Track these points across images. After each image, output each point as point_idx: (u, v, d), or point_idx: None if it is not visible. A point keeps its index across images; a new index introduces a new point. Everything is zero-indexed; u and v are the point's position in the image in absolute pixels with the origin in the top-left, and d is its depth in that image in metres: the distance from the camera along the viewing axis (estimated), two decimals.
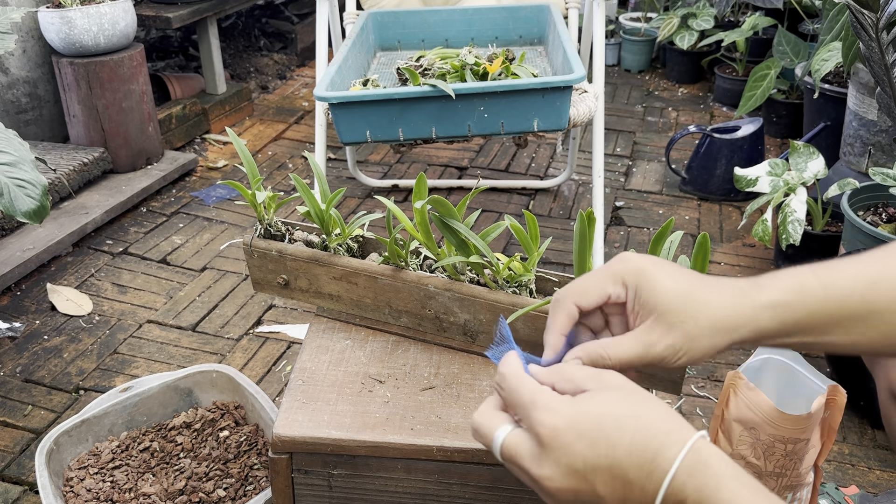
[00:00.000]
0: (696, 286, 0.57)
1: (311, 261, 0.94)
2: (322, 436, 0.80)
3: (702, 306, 0.56)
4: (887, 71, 1.22)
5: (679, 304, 0.56)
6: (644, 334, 0.57)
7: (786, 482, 1.03)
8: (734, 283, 0.58)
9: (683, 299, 0.56)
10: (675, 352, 0.57)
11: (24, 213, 1.15)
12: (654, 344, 0.57)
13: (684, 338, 0.56)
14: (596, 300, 0.59)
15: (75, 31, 2.13)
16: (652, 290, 0.57)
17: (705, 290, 0.57)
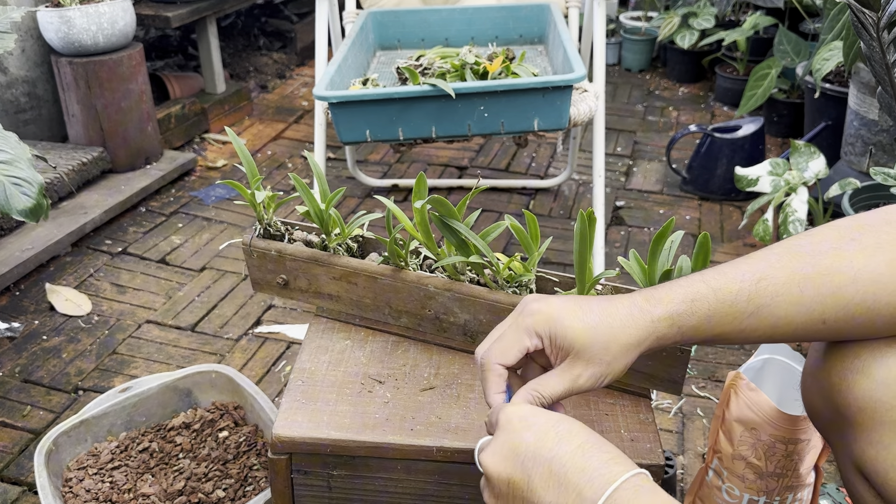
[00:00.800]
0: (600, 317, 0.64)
1: (311, 261, 0.94)
2: (321, 436, 0.79)
3: (609, 335, 0.63)
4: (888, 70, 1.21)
5: (590, 340, 0.63)
6: (567, 371, 0.64)
7: (787, 482, 1.03)
8: (632, 301, 0.65)
9: (593, 333, 0.63)
10: (597, 379, 0.64)
11: (21, 211, 1.15)
12: (578, 377, 0.64)
13: (602, 365, 0.63)
14: (517, 356, 0.66)
15: (74, 30, 2.12)
16: (564, 335, 0.64)
17: (609, 318, 0.64)
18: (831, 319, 0.62)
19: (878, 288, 0.61)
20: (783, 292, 0.62)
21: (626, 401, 0.85)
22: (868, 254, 0.62)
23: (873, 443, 0.63)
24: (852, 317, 0.62)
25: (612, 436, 0.80)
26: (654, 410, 1.25)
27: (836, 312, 0.62)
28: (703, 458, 1.35)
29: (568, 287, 0.89)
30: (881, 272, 0.61)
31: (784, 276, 0.63)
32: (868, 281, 0.61)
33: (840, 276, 0.61)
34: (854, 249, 0.62)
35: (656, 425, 0.82)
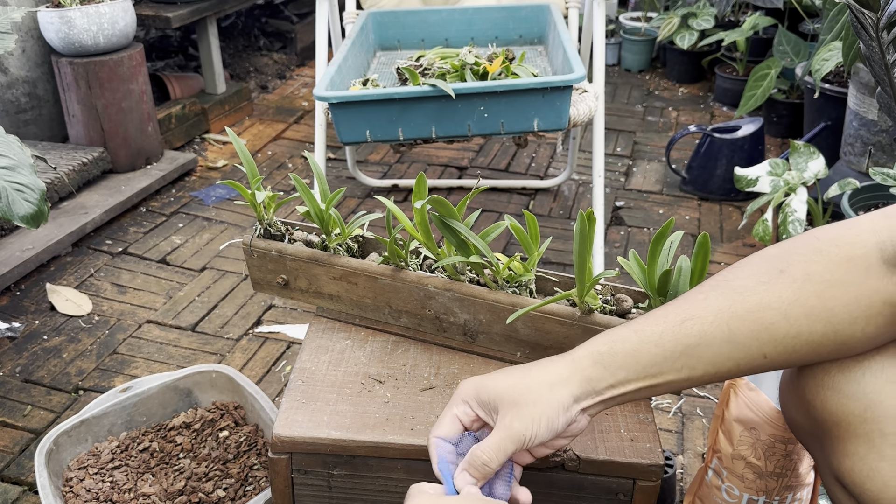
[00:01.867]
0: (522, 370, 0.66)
1: (311, 261, 0.94)
2: (322, 436, 0.80)
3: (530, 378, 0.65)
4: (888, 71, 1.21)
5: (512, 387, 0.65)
6: (500, 423, 0.64)
7: (786, 482, 1.03)
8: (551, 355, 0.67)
9: (514, 382, 0.65)
10: (531, 421, 0.63)
11: (22, 217, 1.15)
12: (511, 423, 0.63)
13: (529, 405, 0.63)
14: (451, 426, 0.68)
15: (75, 30, 2.13)
16: (487, 391, 0.66)
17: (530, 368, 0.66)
18: (772, 354, 0.61)
19: (812, 321, 0.60)
20: (711, 331, 0.61)
21: None
22: (798, 287, 0.60)
23: (849, 454, 0.64)
24: (793, 349, 0.61)
25: (612, 435, 0.80)
26: (654, 410, 1.25)
27: (774, 347, 0.61)
28: (702, 457, 1.35)
29: (568, 287, 0.90)
30: (813, 305, 0.59)
31: (711, 315, 0.62)
32: (801, 315, 0.60)
33: (770, 313, 0.60)
34: (783, 283, 0.61)
35: (656, 425, 0.82)
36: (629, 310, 0.85)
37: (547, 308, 0.83)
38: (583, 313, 0.83)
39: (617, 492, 0.79)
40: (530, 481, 0.78)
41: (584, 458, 0.77)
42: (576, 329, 0.83)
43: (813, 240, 0.63)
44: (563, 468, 0.78)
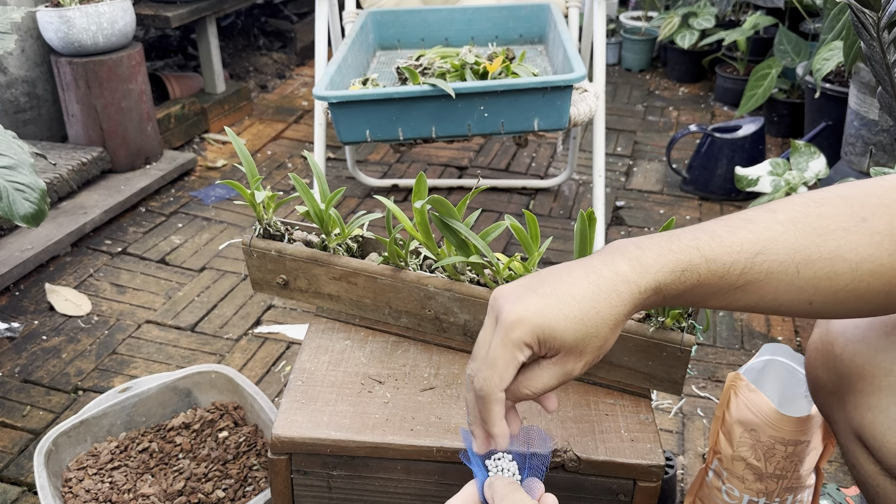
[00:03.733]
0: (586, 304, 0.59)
1: (311, 261, 0.94)
2: (321, 436, 0.79)
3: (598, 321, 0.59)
4: (888, 70, 1.21)
5: (581, 334, 0.59)
6: (559, 365, 0.60)
7: (787, 484, 1.03)
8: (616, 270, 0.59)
9: (582, 327, 0.59)
10: (589, 366, 0.61)
11: (23, 216, 1.15)
12: (572, 370, 0.61)
13: (594, 352, 0.60)
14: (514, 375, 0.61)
15: (74, 30, 2.12)
16: (553, 337, 0.59)
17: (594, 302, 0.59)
18: (819, 302, 0.60)
19: (875, 279, 0.58)
20: (778, 271, 0.59)
21: (626, 401, 0.85)
22: (876, 241, 0.58)
23: (871, 407, 0.65)
24: (840, 302, 0.60)
25: (612, 436, 0.80)
26: (655, 411, 1.25)
27: (825, 297, 0.59)
28: (703, 458, 1.35)
29: None
30: (882, 263, 0.58)
31: (784, 255, 0.59)
32: (868, 271, 0.58)
33: (841, 263, 0.58)
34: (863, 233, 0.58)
35: (656, 425, 0.82)
36: None
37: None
38: None
39: (617, 492, 0.79)
40: None
41: (584, 459, 0.77)
42: None
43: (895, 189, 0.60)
44: (563, 468, 0.78)
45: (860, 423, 0.66)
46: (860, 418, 0.66)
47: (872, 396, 0.64)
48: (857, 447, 0.69)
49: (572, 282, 0.60)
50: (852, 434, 0.69)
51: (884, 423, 0.64)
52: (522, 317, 0.59)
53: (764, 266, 0.59)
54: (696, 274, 0.59)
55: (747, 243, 0.59)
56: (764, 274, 0.59)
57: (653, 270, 0.59)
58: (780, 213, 0.61)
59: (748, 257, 0.59)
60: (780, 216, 0.61)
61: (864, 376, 0.65)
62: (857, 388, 0.66)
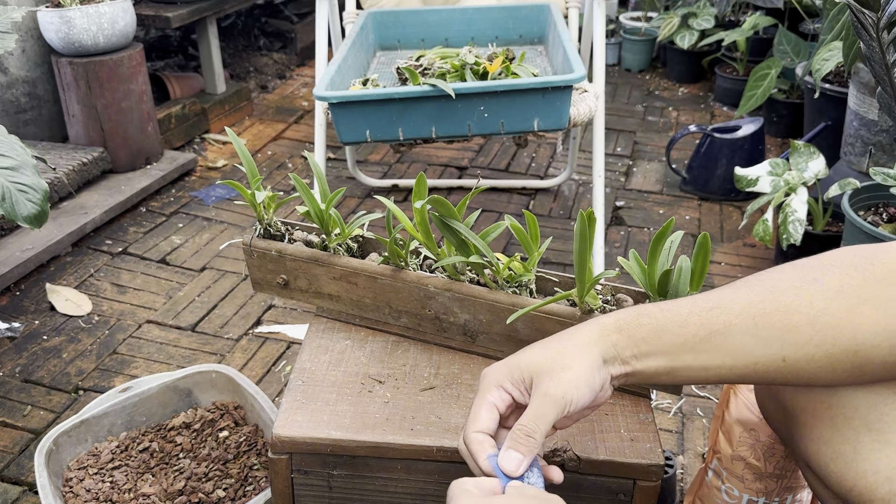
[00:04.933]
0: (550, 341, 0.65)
1: (311, 261, 0.94)
2: (322, 436, 0.80)
3: (559, 345, 0.64)
4: (888, 70, 1.21)
5: (544, 357, 0.63)
6: (536, 393, 0.62)
7: (786, 483, 1.03)
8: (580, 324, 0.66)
9: (545, 352, 0.64)
10: (569, 384, 0.62)
11: (25, 217, 1.15)
12: (547, 390, 0.62)
13: (565, 369, 0.62)
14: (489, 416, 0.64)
15: (74, 30, 2.13)
16: (519, 367, 0.64)
17: (560, 336, 0.65)
18: (791, 358, 0.61)
19: (837, 333, 0.60)
20: (737, 323, 0.61)
21: (626, 401, 0.85)
22: (829, 296, 0.60)
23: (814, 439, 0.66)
24: (812, 358, 0.61)
25: (612, 435, 0.80)
26: (654, 410, 1.25)
27: (795, 351, 0.61)
28: (702, 458, 1.35)
29: (568, 287, 0.89)
30: (840, 317, 0.60)
31: (739, 308, 0.62)
32: (827, 325, 0.60)
33: (798, 316, 0.60)
34: (815, 290, 0.61)
35: (656, 425, 0.82)
36: None
37: (547, 308, 0.83)
38: (583, 313, 0.83)
39: (617, 492, 0.79)
40: None
41: (584, 459, 0.77)
42: None
43: (850, 255, 0.63)
44: (563, 468, 0.78)
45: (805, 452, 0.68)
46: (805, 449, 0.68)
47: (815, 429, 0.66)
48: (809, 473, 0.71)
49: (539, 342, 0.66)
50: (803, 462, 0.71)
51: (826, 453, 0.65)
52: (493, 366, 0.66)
53: (721, 318, 0.62)
54: (654, 318, 0.63)
55: (700, 301, 0.64)
56: (723, 325, 0.61)
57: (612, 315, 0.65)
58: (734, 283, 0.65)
59: (702, 310, 0.62)
60: (734, 284, 0.65)
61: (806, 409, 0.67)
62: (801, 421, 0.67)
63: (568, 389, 0.62)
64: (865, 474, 0.63)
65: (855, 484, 0.63)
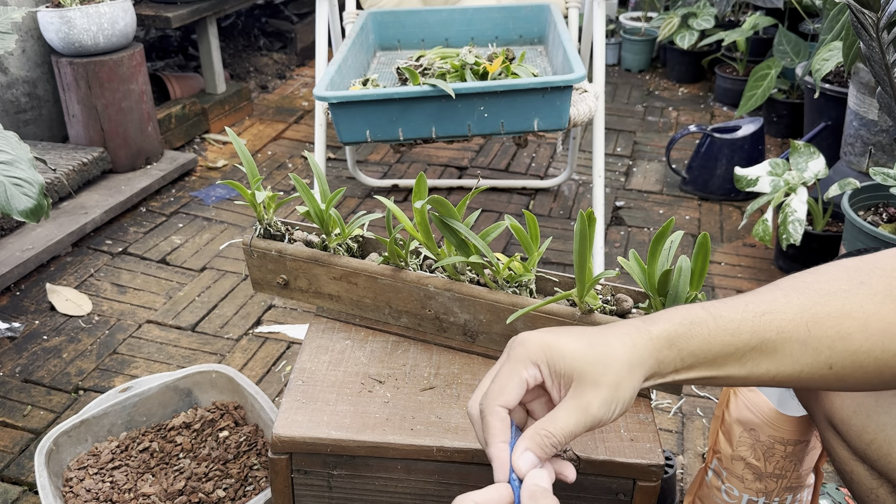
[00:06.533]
0: (597, 338, 0.59)
1: (311, 261, 0.94)
2: (322, 436, 0.80)
3: (610, 351, 0.58)
4: (888, 70, 1.21)
5: (591, 359, 0.58)
6: (575, 399, 0.58)
7: (786, 483, 1.03)
8: (628, 322, 0.61)
9: (593, 352, 0.58)
10: (608, 405, 0.58)
11: (21, 211, 1.15)
12: (589, 404, 0.57)
13: (611, 387, 0.57)
14: (517, 392, 0.59)
15: (75, 30, 2.13)
16: (563, 357, 0.58)
17: (606, 337, 0.59)
18: (839, 365, 0.59)
19: (887, 338, 0.58)
20: (790, 329, 0.59)
21: None
22: (878, 300, 0.59)
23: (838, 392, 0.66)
24: (860, 365, 0.59)
25: (612, 435, 0.80)
26: (654, 410, 1.25)
27: (843, 359, 0.59)
28: (702, 458, 1.35)
29: (568, 287, 0.90)
30: (891, 321, 0.58)
31: (791, 313, 0.59)
32: (878, 330, 0.58)
33: (850, 321, 0.59)
34: (864, 293, 0.59)
35: (656, 425, 0.82)
36: (629, 310, 0.85)
37: (547, 308, 0.83)
38: (583, 313, 0.83)
39: (617, 492, 0.79)
40: None
41: (584, 458, 0.77)
42: None
43: (894, 257, 0.62)
44: None
45: (830, 408, 0.68)
46: (829, 404, 0.68)
47: None
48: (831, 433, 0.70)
49: (587, 328, 0.61)
50: (826, 421, 0.71)
51: (850, 406, 0.66)
52: (531, 338, 0.60)
53: (773, 324, 0.59)
54: (706, 327, 0.59)
55: (751, 304, 0.60)
56: (775, 332, 0.59)
57: (661, 320, 0.60)
58: (781, 283, 0.62)
59: (754, 316, 0.59)
60: (781, 285, 0.62)
61: None
62: None
63: (608, 412, 0.58)
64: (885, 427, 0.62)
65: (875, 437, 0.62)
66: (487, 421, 0.59)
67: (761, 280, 1.86)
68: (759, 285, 0.66)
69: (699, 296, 0.81)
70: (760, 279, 1.87)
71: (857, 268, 0.61)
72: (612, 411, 0.58)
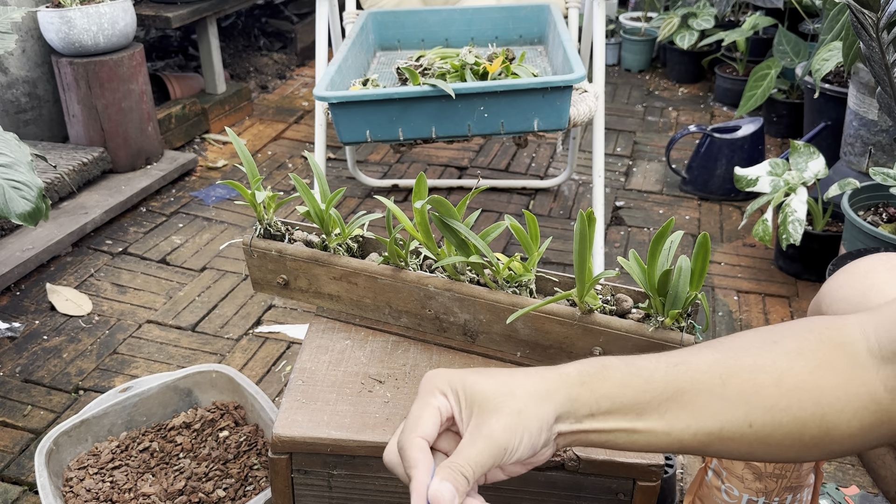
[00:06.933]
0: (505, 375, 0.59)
1: (311, 261, 0.94)
2: (322, 436, 0.80)
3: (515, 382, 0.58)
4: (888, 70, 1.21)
5: (495, 389, 0.58)
6: (479, 431, 0.57)
7: (786, 483, 1.03)
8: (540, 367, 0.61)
9: (498, 383, 0.58)
10: (511, 430, 0.56)
11: (19, 214, 1.15)
12: (491, 431, 0.56)
13: (513, 413, 0.56)
14: (433, 422, 0.58)
15: (75, 30, 2.13)
16: (467, 389, 0.58)
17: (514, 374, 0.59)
18: (758, 423, 0.59)
19: (803, 395, 0.58)
20: (704, 380, 0.59)
21: None
22: (791, 358, 0.59)
23: None
24: (779, 424, 0.59)
25: None
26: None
27: (762, 415, 0.58)
28: (702, 457, 1.35)
29: (568, 287, 0.90)
30: (804, 379, 0.59)
31: (704, 366, 0.60)
32: (792, 386, 0.58)
33: (764, 376, 0.59)
34: (777, 351, 0.60)
35: None
36: (629, 310, 0.85)
37: (547, 308, 0.83)
38: (583, 313, 0.83)
39: (617, 492, 0.79)
40: (530, 481, 0.78)
41: (584, 458, 0.77)
42: (576, 329, 0.83)
43: (805, 322, 0.63)
44: (563, 468, 0.78)
45: None
46: None
47: None
48: None
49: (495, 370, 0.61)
50: None
51: None
52: (438, 371, 0.61)
53: (687, 374, 0.59)
54: (619, 371, 0.59)
55: (664, 357, 0.61)
56: (689, 382, 0.59)
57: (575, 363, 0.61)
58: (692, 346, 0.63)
59: (667, 366, 0.60)
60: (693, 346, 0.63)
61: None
62: None
63: (512, 438, 0.56)
64: None
65: None
66: (407, 454, 0.57)
67: (761, 280, 1.87)
68: (759, 285, 0.66)
69: (699, 296, 0.81)
70: (760, 279, 1.87)
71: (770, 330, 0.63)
72: (519, 439, 0.56)
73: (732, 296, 1.80)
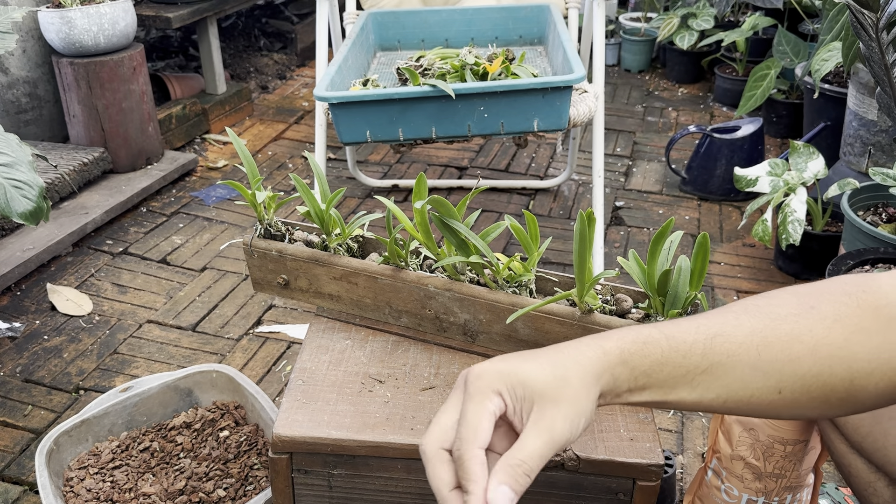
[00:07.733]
0: (552, 357, 0.58)
1: (311, 261, 0.94)
2: (322, 436, 0.80)
3: (564, 367, 0.57)
4: (887, 71, 1.22)
5: (549, 378, 0.56)
6: (539, 422, 0.56)
7: (786, 483, 1.03)
8: (581, 340, 0.60)
9: (551, 370, 0.57)
10: (572, 420, 0.56)
11: (20, 214, 1.15)
12: (553, 423, 0.55)
13: (570, 402, 0.56)
14: (488, 428, 0.56)
15: (75, 31, 2.13)
16: (522, 382, 0.57)
17: (560, 355, 0.58)
18: (787, 390, 0.59)
19: (835, 363, 0.59)
20: (740, 352, 0.59)
21: None
22: (827, 325, 0.60)
23: None
24: (808, 390, 0.60)
25: (612, 435, 0.80)
26: (654, 410, 1.25)
27: (792, 383, 0.59)
28: (702, 457, 1.35)
29: (568, 287, 0.90)
30: (839, 346, 0.59)
31: (742, 336, 0.60)
32: (826, 354, 0.59)
33: (799, 346, 0.59)
34: (814, 318, 0.60)
35: (655, 425, 0.82)
36: (629, 310, 0.85)
37: (547, 308, 0.84)
38: (583, 313, 0.83)
39: (617, 492, 0.80)
40: None
41: (584, 458, 0.78)
42: (576, 329, 0.83)
43: (842, 283, 0.62)
44: (563, 468, 0.78)
45: None
46: None
47: None
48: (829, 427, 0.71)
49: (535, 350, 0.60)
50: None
51: None
52: (486, 368, 0.59)
53: (724, 347, 0.59)
54: (658, 348, 0.59)
55: (703, 327, 0.60)
56: (726, 355, 0.59)
57: (614, 337, 0.60)
58: (732, 306, 0.63)
59: (706, 338, 0.59)
60: (733, 308, 0.62)
61: None
62: None
63: (573, 427, 0.56)
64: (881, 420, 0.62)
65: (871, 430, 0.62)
66: (468, 467, 0.55)
67: (761, 280, 1.87)
68: (759, 285, 0.66)
69: (699, 296, 0.81)
70: (760, 279, 1.87)
71: (808, 293, 0.62)
72: (578, 426, 0.56)
73: (732, 296, 1.80)
